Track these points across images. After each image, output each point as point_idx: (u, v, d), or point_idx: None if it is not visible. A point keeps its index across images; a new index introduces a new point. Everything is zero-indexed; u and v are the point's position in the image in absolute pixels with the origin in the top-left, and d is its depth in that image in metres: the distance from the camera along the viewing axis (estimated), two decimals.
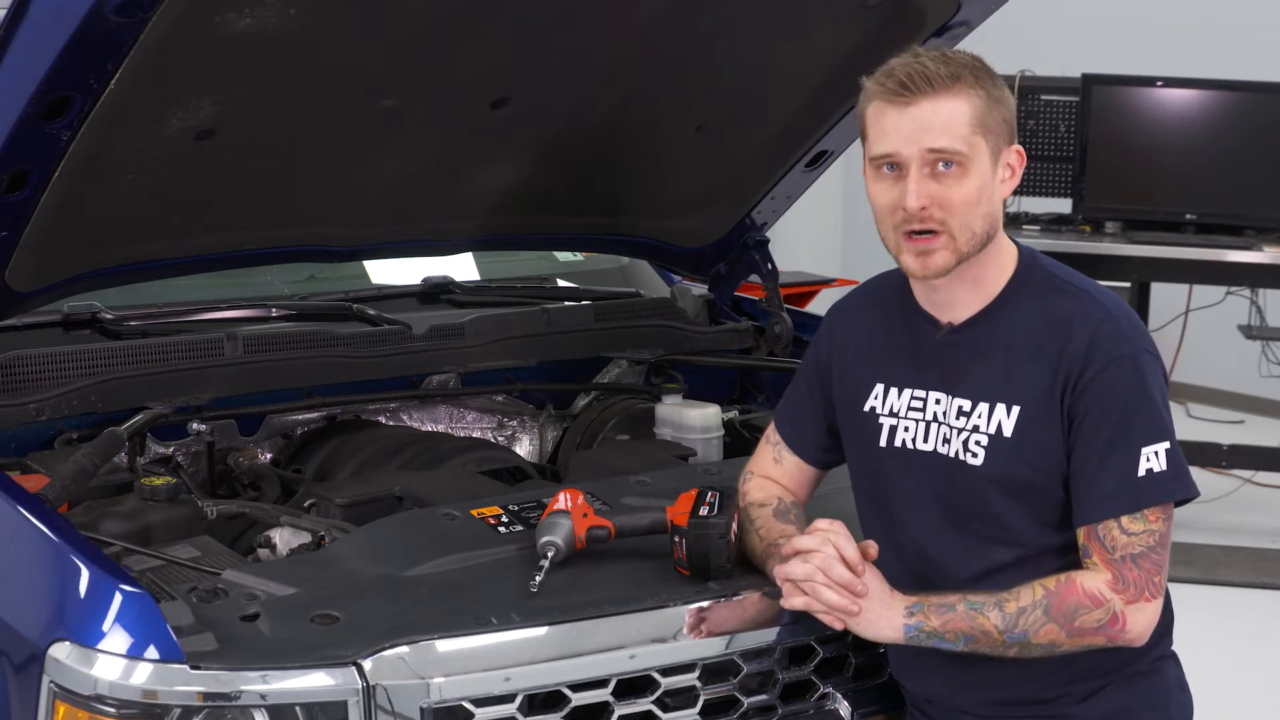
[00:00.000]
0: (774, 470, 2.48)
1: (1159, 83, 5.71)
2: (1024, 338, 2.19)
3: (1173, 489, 2.14)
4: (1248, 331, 6.43)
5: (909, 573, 2.26)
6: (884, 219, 2.19)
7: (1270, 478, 6.36)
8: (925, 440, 2.25)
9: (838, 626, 2.20)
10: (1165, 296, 6.56)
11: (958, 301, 2.24)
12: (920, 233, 2.15)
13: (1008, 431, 2.18)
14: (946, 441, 2.23)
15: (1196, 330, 6.97)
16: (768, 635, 2.30)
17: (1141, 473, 2.12)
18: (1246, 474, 6.36)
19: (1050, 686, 2.23)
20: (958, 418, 2.22)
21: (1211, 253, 5.58)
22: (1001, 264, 2.24)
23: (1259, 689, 4.66)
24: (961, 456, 2.21)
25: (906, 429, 2.27)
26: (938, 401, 2.24)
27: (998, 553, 2.20)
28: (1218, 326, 6.70)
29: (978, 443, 2.20)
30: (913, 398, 2.27)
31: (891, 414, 2.29)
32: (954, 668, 2.24)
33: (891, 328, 2.32)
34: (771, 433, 2.51)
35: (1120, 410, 2.13)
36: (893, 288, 2.33)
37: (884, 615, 2.18)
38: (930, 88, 2.12)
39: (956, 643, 2.16)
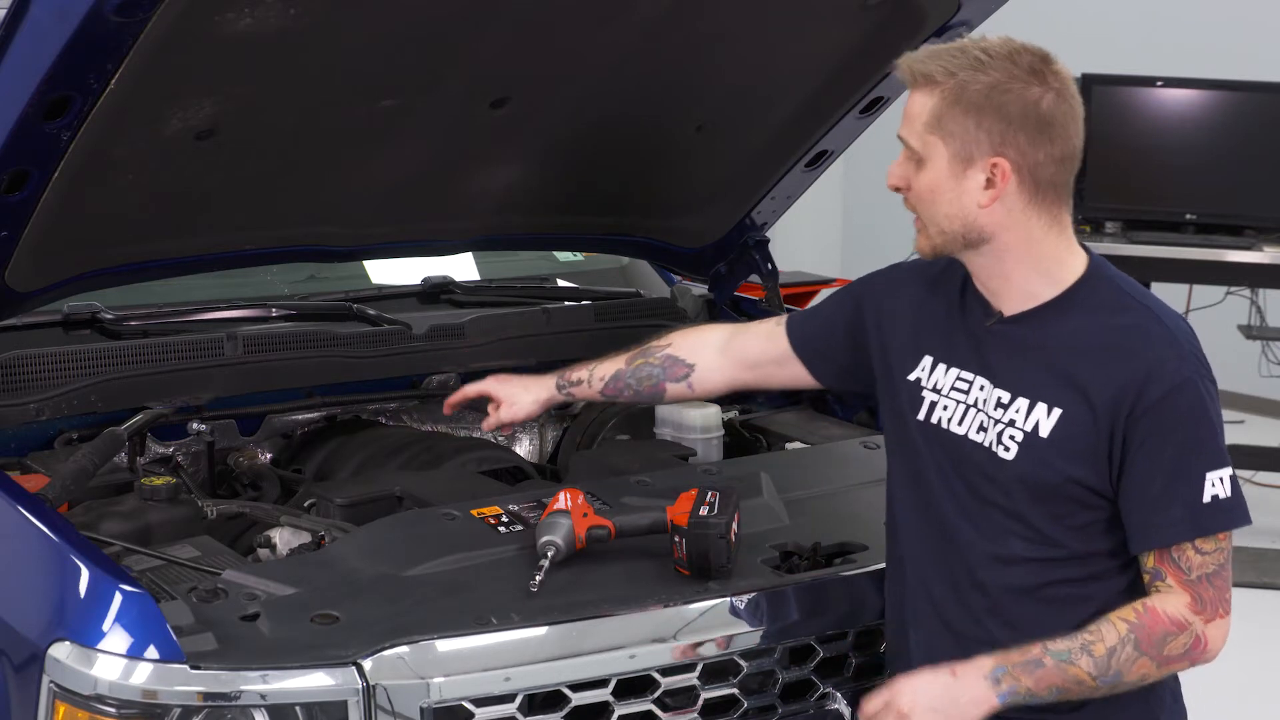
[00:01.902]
0: (731, 343, 2.56)
1: (1159, 83, 5.71)
2: (1079, 344, 2.16)
3: (1238, 515, 2.14)
4: (1248, 331, 6.42)
5: (932, 550, 2.26)
6: None
7: (1270, 478, 6.36)
8: (960, 424, 2.23)
9: None
10: (1165, 296, 6.46)
11: (1001, 294, 2.22)
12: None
13: (1044, 432, 2.15)
14: (982, 429, 2.21)
15: (1196, 330, 6.92)
16: (768, 635, 2.30)
17: (1207, 499, 2.11)
18: (1246, 474, 6.34)
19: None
20: (996, 408, 2.20)
21: (1211, 253, 5.58)
22: (1055, 267, 2.19)
23: (1259, 689, 4.66)
24: (994, 448, 2.19)
25: (945, 408, 2.25)
26: (982, 388, 2.22)
27: (1014, 545, 2.19)
28: (1218, 326, 6.68)
29: (1012, 437, 2.17)
30: (959, 378, 2.25)
31: (935, 389, 2.27)
32: (958, 652, 2.21)
33: (951, 304, 2.30)
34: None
35: (1183, 437, 2.11)
36: (954, 271, 2.31)
37: (969, 697, 2.12)
38: (914, 80, 2.17)
39: (1049, 695, 2.13)
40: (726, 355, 2.59)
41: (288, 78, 2.51)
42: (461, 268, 3.63)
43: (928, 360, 2.29)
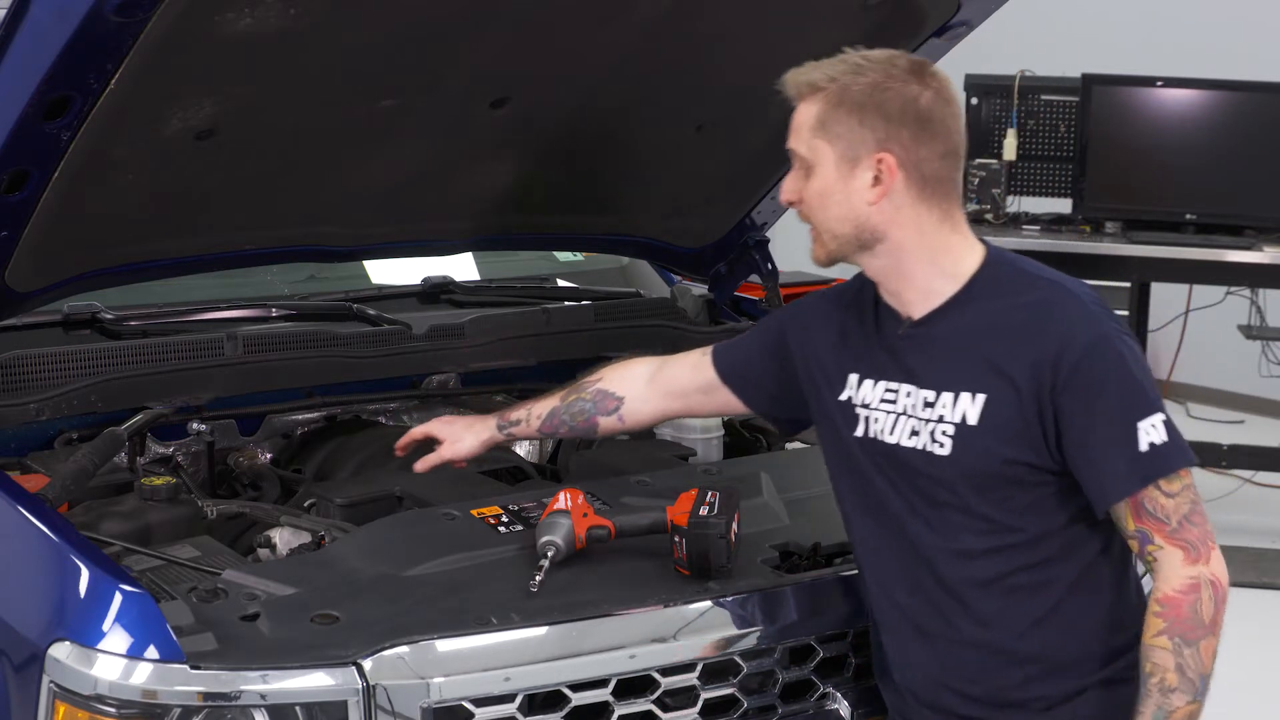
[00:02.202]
0: (658, 374, 2.60)
1: (1159, 83, 5.70)
2: (990, 328, 2.21)
3: (1180, 456, 2.16)
4: (1248, 331, 6.42)
5: (893, 557, 2.28)
6: None
7: (1270, 478, 6.36)
8: (892, 433, 2.26)
9: None
10: (1165, 296, 6.56)
11: (906, 298, 2.27)
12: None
13: (973, 420, 2.19)
14: (915, 434, 2.24)
15: (1196, 330, 6.97)
16: (768, 635, 2.30)
17: (1144, 448, 2.13)
18: (1246, 474, 6.35)
19: (1027, 684, 2.23)
20: (924, 409, 2.24)
21: (1211, 253, 5.57)
22: (952, 263, 2.25)
23: (1259, 689, 4.66)
24: (929, 448, 2.22)
25: (877, 420, 2.28)
26: (908, 394, 2.26)
27: (968, 539, 2.21)
28: (1218, 326, 6.70)
29: (944, 433, 2.21)
30: (886, 389, 2.29)
31: (865, 405, 2.30)
32: (933, 663, 2.25)
33: (865, 321, 2.35)
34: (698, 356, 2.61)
35: (1109, 393, 2.14)
36: (863, 289, 2.37)
37: None
38: (796, 94, 2.25)
39: None
40: (654, 386, 2.63)
41: (288, 78, 2.51)
42: (461, 268, 3.63)
43: (853, 378, 2.33)
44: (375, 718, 2.04)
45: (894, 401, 2.27)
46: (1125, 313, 6.19)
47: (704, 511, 2.34)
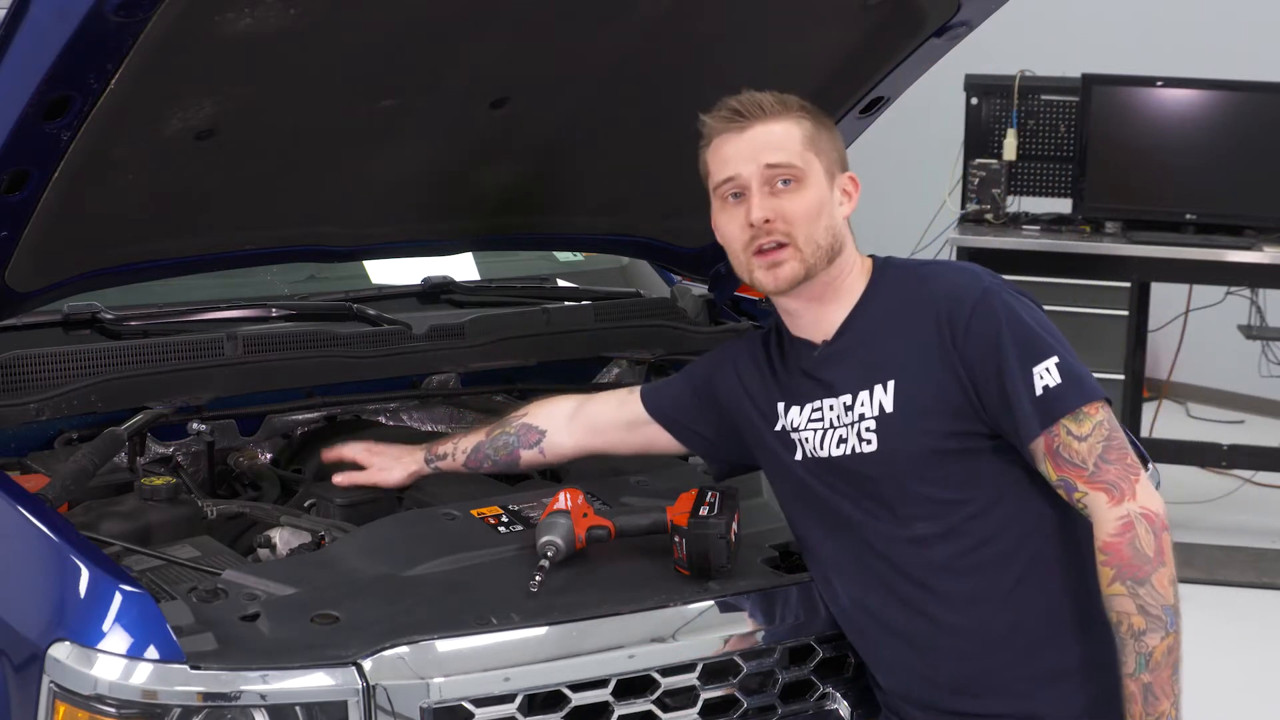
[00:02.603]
0: (580, 409, 2.64)
1: (1159, 83, 5.70)
2: (886, 321, 2.32)
3: (1077, 393, 2.20)
4: (1248, 331, 6.42)
5: (854, 562, 2.30)
6: (735, 245, 2.36)
7: (1270, 478, 6.36)
8: (823, 446, 2.33)
9: None
10: (1165, 296, 6.56)
11: (821, 319, 2.37)
12: (768, 249, 2.30)
13: (889, 407, 2.26)
14: (843, 441, 2.30)
15: (1196, 330, 6.97)
16: (768, 635, 2.31)
17: (1039, 391, 2.18)
18: (1246, 474, 6.35)
19: (1005, 669, 2.24)
20: (845, 413, 2.31)
21: (1211, 253, 5.57)
22: (854, 277, 2.37)
23: (1259, 689, 4.66)
24: (858, 449, 2.28)
25: (808, 440, 2.35)
26: (831, 407, 2.33)
27: (921, 528, 2.25)
28: (1218, 326, 6.70)
29: (868, 428, 2.28)
30: (812, 410, 2.36)
31: (795, 429, 2.37)
32: (915, 659, 2.26)
33: (776, 357, 2.44)
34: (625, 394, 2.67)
35: (1001, 342, 2.21)
36: (773, 332, 2.47)
37: None
38: (762, 112, 2.33)
39: (1177, 683, 2.18)
40: (575, 421, 2.66)
41: (288, 78, 2.51)
42: (461, 268, 3.63)
43: (781, 406, 2.40)
44: (375, 718, 2.04)
45: (820, 419, 2.34)
46: (1125, 313, 6.20)
47: (704, 511, 2.34)
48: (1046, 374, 2.19)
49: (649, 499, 2.52)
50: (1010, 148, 5.83)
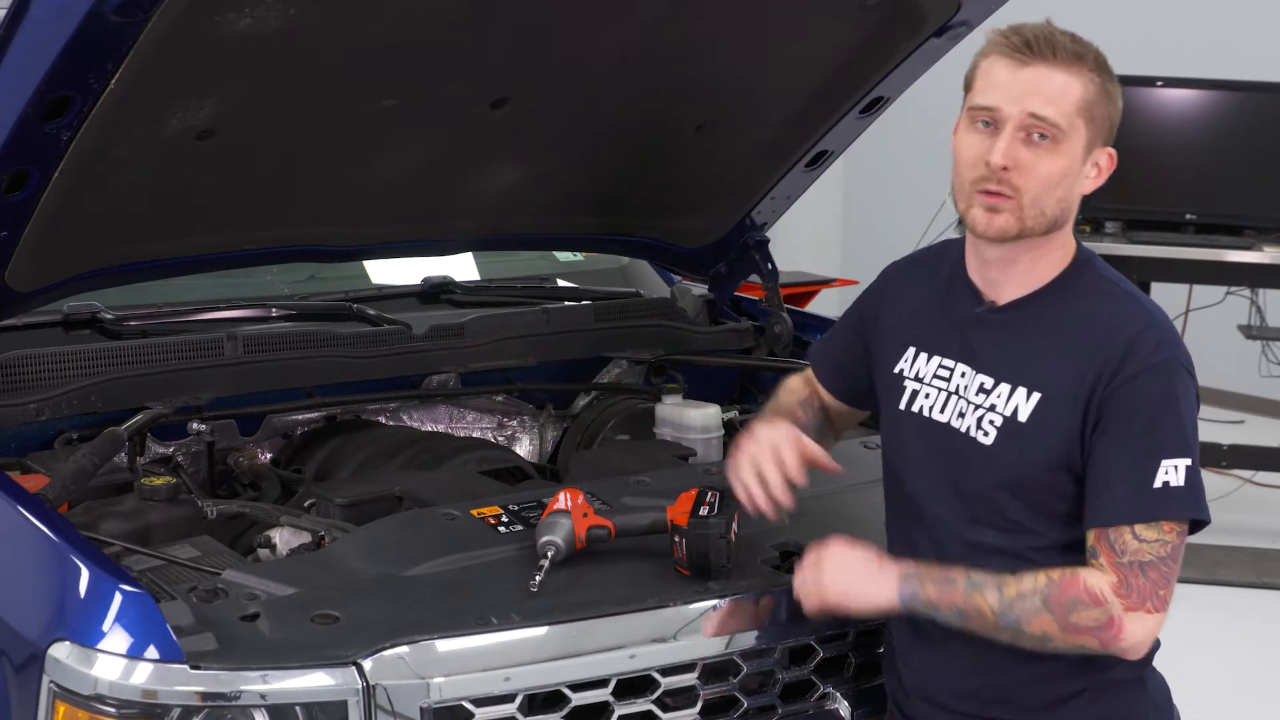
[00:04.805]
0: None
1: (1159, 83, 5.70)
2: (1060, 329, 2.19)
3: (1187, 507, 2.12)
4: (1248, 331, 6.42)
5: (905, 535, 2.28)
6: (963, 171, 2.20)
7: (1270, 478, 6.36)
8: (942, 411, 2.25)
9: (829, 605, 2.22)
10: (1165, 296, 6.54)
11: (1008, 281, 2.24)
12: (994, 192, 2.16)
13: (1023, 416, 2.17)
14: (961, 416, 2.23)
15: (1196, 330, 6.94)
16: (768, 635, 2.30)
17: (1158, 484, 2.10)
18: (1246, 474, 6.35)
19: (1022, 684, 2.22)
20: (977, 394, 2.22)
21: (1211, 253, 5.58)
22: (1059, 256, 2.24)
23: (1259, 689, 4.67)
24: (973, 434, 2.21)
25: (927, 396, 2.27)
26: (963, 375, 2.24)
27: (986, 534, 2.20)
28: (1218, 326, 6.70)
29: (991, 422, 2.19)
30: (940, 366, 2.27)
31: (917, 379, 2.30)
32: (935, 653, 2.25)
33: (935, 294, 2.33)
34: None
35: (1146, 418, 2.11)
36: (948, 259, 2.34)
37: (877, 582, 2.20)
38: (1052, 55, 2.17)
39: (951, 616, 2.16)
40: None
41: (288, 78, 2.51)
42: (461, 268, 3.63)
43: (910, 351, 2.32)
44: (375, 718, 2.04)
45: (947, 380, 2.26)
46: None
47: (704, 511, 2.34)
48: (1174, 472, 2.09)
49: (649, 499, 2.52)
50: None
